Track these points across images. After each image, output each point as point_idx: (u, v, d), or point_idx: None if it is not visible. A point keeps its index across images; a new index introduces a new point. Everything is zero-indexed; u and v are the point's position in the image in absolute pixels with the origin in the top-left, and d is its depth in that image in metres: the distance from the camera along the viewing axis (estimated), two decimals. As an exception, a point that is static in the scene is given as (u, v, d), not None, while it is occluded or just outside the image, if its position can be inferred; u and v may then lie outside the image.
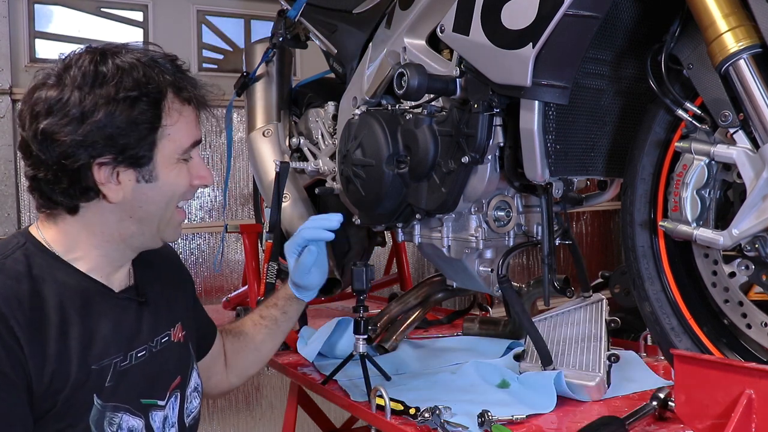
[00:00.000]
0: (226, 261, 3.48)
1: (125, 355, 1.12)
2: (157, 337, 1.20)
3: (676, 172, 1.16)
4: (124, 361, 1.11)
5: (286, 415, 2.06)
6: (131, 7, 3.41)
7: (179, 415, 1.23)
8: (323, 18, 1.92)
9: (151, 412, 1.15)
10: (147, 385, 1.15)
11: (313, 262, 1.42)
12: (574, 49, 1.19)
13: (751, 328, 1.14)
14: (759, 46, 1.03)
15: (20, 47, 3.15)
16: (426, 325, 2.05)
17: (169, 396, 1.20)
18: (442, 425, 1.18)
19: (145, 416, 1.14)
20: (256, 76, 2.25)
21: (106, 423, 1.07)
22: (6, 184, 3.08)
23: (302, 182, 2.19)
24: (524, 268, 4.29)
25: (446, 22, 1.36)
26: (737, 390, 0.99)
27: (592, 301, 1.51)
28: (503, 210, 1.51)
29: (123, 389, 1.10)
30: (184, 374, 1.25)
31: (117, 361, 1.10)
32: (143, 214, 1.12)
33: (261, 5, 3.61)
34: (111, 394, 1.08)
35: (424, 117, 1.44)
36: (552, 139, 1.27)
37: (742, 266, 1.14)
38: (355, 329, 1.46)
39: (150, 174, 1.10)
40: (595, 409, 1.29)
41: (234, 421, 3.46)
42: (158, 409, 1.16)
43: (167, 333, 1.23)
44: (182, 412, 1.24)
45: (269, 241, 1.88)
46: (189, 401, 1.26)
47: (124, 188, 1.09)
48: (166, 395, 1.19)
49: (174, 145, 1.11)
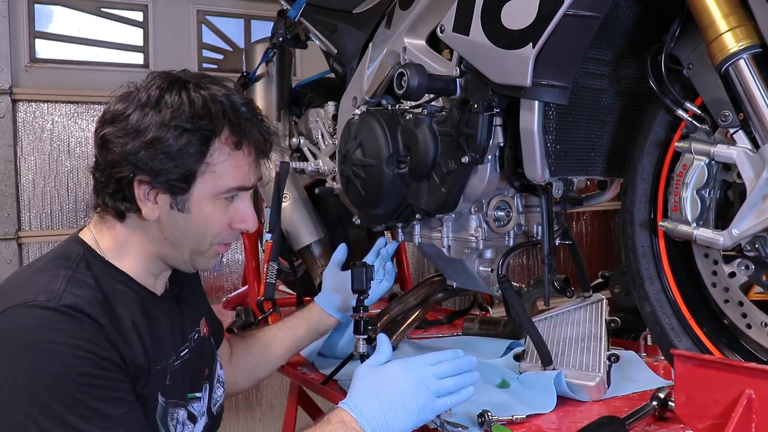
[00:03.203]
0: (226, 261, 3.48)
1: (176, 355, 1.19)
2: (192, 333, 1.27)
3: (676, 172, 1.16)
4: (176, 360, 1.19)
5: (286, 415, 2.06)
6: (131, 7, 3.41)
7: (208, 404, 1.29)
8: (323, 18, 1.92)
9: (191, 404, 1.22)
10: (191, 380, 1.23)
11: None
12: (574, 49, 1.19)
13: (751, 328, 1.14)
14: (759, 46, 1.03)
15: (20, 47, 3.16)
16: (426, 325, 2.05)
17: (203, 387, 1.27)
18: (442, 425, 1.18)
19: (187, 408, 1.21)
20: (256, 76, 2.26)
21: (169, 418, 1.15)
22: (6, 184, 3.08)
23: (302, 182, 2.19)
24: (524, 268, 4.29)
25: (446, 22, 1.36)
26: (737, 390, 0.99)
27: (592, 301, 1.51)
28: (503, 210, 1.51)
29: (177, 386, 1.18)
30: (211, 366, 1.32)
31: (172, 361, 1.18)
32: (175, 240, 1.16)
33: (261, 5, 3.61)
34: (170, 393, 1.15)
35: (424, 117, 1.44)
36: (552, 139, 1.27)
37: (742, 266, 1.14)
38: (355, 329, 1.46)
39: (183, 204, 1.13)
40: (595, 409, 1.29)
41: (234, 421, 3.46)
42: (197, 401, 1.24)
43: (197, 329, 1.30)
44: (210, 402, 1.30)
45: (269, 241, 1.88)
46: (215, 391, 1.32)
47: (160, 210, 1.12)
48: (201, 387, 1.26)
49: (214, 183, 1.13)
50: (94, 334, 1.02)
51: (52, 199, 3.18)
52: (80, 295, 1.04)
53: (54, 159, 3.21)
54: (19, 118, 3.13)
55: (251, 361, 1.53)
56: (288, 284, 2.51)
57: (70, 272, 1.08)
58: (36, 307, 1.00)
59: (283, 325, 1.58)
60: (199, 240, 1.17)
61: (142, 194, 1.11)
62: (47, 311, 1.00)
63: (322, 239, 2.08)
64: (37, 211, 3.17)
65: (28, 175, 3.15)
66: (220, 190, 1.14)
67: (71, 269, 1.09)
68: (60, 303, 1.01)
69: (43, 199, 3.17)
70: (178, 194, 1.12)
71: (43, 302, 1.01)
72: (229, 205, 1.17)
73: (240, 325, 2.03)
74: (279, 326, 1.58)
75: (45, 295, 1.02)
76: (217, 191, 1.13)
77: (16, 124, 3.12)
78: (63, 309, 1.01)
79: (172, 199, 1.12)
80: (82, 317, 1.02)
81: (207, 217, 1.14)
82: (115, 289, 1.11)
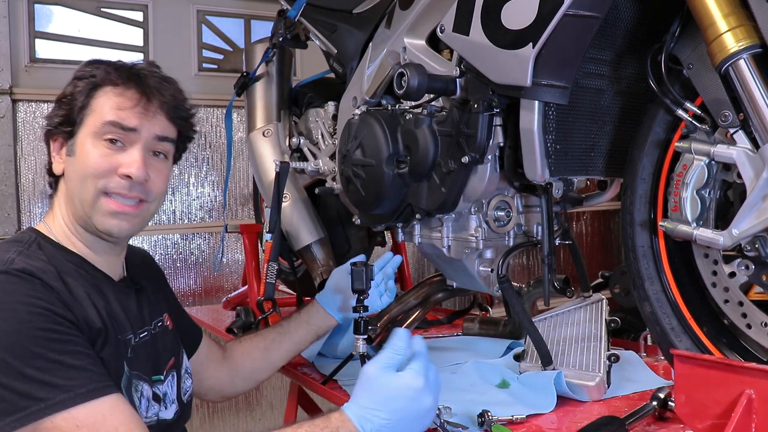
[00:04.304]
0: (226, 261, 3.48)
1: (134, 333, 1.21)
2: (154, 321, 1.30)
3: (676, 172, 1.16)
4: (135, 338, 1.20)
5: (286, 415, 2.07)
6: (131, 7, 3.41)
7: (177, 392, 1.31)
8: (323, 18, 1.92)
9: (156, 386, 1.23)
10: (152, 362, 1.24)
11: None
12: (575, 49, 1.19)
13: (751, 328, 1.14)
14: (759, 46, 1.03)
15: (20, 47, 3.16)
16: (426, 325, 2.05)
17: (167, 375, 1.28)
18: (442, 425, 1.17)
19: (152, 388, 1.22)
20: (256, 76, 2.26)
21: (133, 390, 1.16)
22: (6, 184, 3.08)
23: (302, 182, 2.19)
24: (524, 268, 4.29)
25: (446, 22, 1.36)
26: (737, 390, 0.99)
27: (592, 301, 1.51)
28: (503, 210, 1.51)
29: (141, 362, 1.19)
30: (177, 356, 1.34)
31: (130, 337, 1.19)
32: (72, 190, 1.19)
33: (261, 5, 3.61)
34: (134, 365, 1.17)
35: (424, 117, 1.43)
36: (552, 139, 1.27)
37: (742, 266, 1.14)
38: (355, 329, 1.46)
39: (72, 147, 1.19)
40: (595, 409, 1.29)
41: (234, 421, 3.47)
42: (160, 383, 1.25)
43: (161, 319, 1.33)
44: (179, 390, 1.32)
45: (269, 241, 1.88)
46: (183, 381, 1.34)
47: (64, 162, 1.20)
48: (164, 373, 1.27)
49: (93, 120, 1.17)
50: (46, 294, 1.03)
51: (52, 199, 3.18)
52: (31, 263, 1.06)
53: (54, 159, 3.20)
54: (19, 118, 3.13)
55: (251, 364, 1.53)
56: (288, 284, 2.52)
57: (22, 248, 1.11)
58: None
59: (282, 329, 1.57)
60: (83, 184, 1.17)
61: (55, 150, 1.21)
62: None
63: (322, 239, 2.08)
64: (37, 211, 3.17)
65: (28, 175, 3.15)
66: (96, 125, 1.16)
67: (23, 247, 1.12)
68: (11, 267, 1.04)
69: (43, 199, 3.17)
70: (69, 138, 1.18)
71: None
72: (116, 151, 1.17)
73: (240, 325, 2.04)
74: (278, 330, 1.58)
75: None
76: (95, 127, 1.16)
77: (16, 124, 3.12)
78: (14, 272, 1.03)
79: (67, 146, 1.19)
80: (33, 279, 1.03)
81: (87, 155, 1.16)
82: (68, 267, 1.13)
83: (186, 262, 3.43)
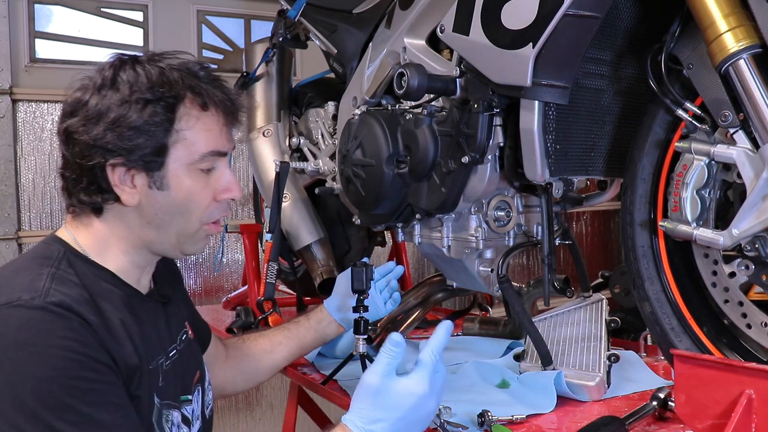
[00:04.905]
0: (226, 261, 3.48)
1: (166, 355, 1.14)
2: (179, 335, 1.23)
3: (676, 172, 1.16)
4: (166, 361, 1.14)
5: (286, 415, 2.06)
6: (131, 7, 3.41)
7: (201, 408, 1.25)
8: (323, 18, 1.92)
9: (184, 407, 1.18)
10: (182, 382, 1.18)
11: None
12: (574, 49, 1.19)
13: (751, 328, 1.14)
14: (759, 46, 1.03)
15: (20, 47, 3.16)
16: (426, 325, 2.05)
17: (194, 390, 1.23)
18: (442, 425, 1.18)
19: (181, 410, 1.17)
20: (256, 76, 2.26)
21: (164, 420, 1.10)
22: (6, 184, 3.08)
23: (302, 182, 2.19)
24: (524, 268, 4.29)
25: (446, 22, 1.36)
26: (737, 390, 0.99)
27: (592, 301, 1.51)
28: (503, 210, 1.51)
29: (171, 388, 1.13)
30: (200, 368, 1.28)
31: (162, 361, 1.12)
32: (159, 222, 1.10)
33: (261, 5, 3.61)
34: (164, 393, 1.11)
35: (424, 117, 1.44)
36: (552, 139, 1.27)
37: (742, 266, 1.14)
38: (355, 329, 1.46)
39: (161, 181, 1.07)
40: (595, 409, 1.28)
41: (234, 421, 3.47)
42: (189, 403, 1.19)
43: (185, 331, 1.26)
44: (203, 405, 1.26)
45: (269, 241, 1.88)
46: (206, 394, 1.28)
47: (139, 193, 1.07)
48: (191, 391, 1.22)
49: (187, 151, 1.07)
50: (83, 334, 0.96)
51: (52, 199, 3.18)
52: (67, 293, 0.98)
53: (54, 159, 3.20)
54: (19, 118, 3.13)
55: (255, 365, 1.52)
56: (288, 284, 2.51)
57: (54, 270, 1.02)
58: (21, 306, 0.95)
59: (289, 333, 1.55)
60: (186, 219, 1.11)
61: (117, 179, 1.05)
62: (34, 311, 0.94)
63: (322, 239, 2.08)
64: (37, 211, 3.17)
65: (28, 175, 3.15)
66: (194, 156, 1.08)
67: (54, 267, 1.03)
68: (47, 301, 0.95)
69: (43, 199, 3.17)
70: (154, 170, 1.06)
71: (28, 301, 0.95)
72: (209, 177, 1.11)
73: (240, 325, 2.03)
74: (285, 333, 1.55)
75: (29, 293, 0.96)
76: (191, 159, 1.08)
77: (16, 124, 3.12)
78: (50, 307, 0.95)
79: (149, 178, 1.06)
80: (71, 316, 0.96)
81: (188, 190, 1.09)
82: (100, 287, 1.05)
83: (186, 262, 3.42)
